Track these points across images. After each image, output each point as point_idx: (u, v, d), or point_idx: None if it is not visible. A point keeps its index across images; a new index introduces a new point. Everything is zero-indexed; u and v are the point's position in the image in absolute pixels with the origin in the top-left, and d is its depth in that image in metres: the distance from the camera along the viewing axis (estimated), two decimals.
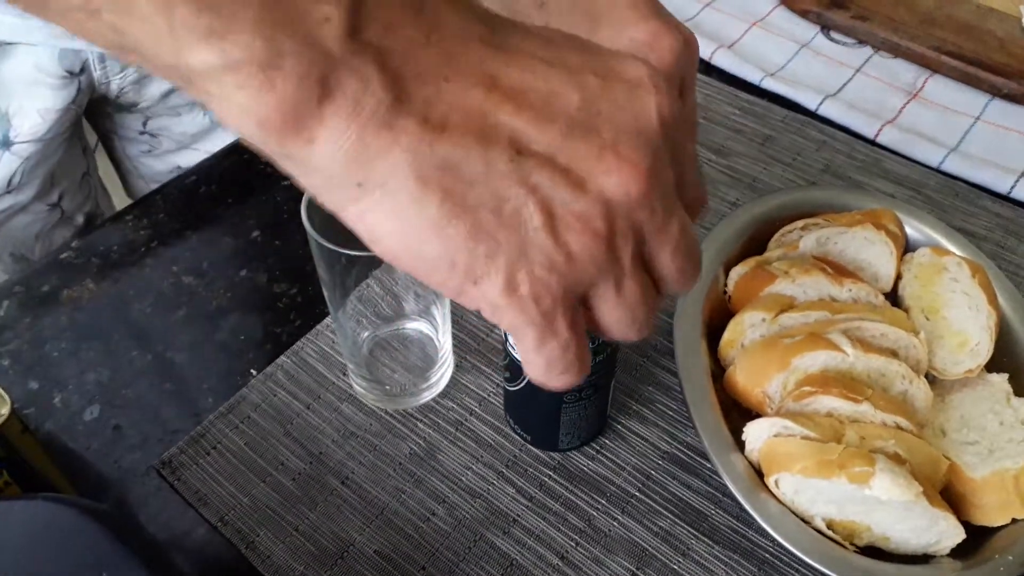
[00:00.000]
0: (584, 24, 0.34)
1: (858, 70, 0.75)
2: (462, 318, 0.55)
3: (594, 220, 0.25)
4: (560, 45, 0.26)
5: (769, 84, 0.73)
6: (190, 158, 0.77)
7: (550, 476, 0.48)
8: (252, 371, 0.52)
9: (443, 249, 0.24)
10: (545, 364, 0.27)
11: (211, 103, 0.22)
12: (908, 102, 0.72)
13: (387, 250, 0.25)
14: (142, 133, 0.78)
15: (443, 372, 0.51)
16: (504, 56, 0.24)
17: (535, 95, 0.24)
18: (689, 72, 0.34)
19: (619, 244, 0.26)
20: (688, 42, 0.33)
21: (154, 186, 0.75)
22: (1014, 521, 0.43)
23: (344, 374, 0.52)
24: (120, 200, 0.83)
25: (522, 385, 0.45)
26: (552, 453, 0.49)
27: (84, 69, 0.65)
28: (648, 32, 0.32)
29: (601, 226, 0.25)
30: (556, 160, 0.24)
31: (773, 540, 0.41)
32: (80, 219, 0.77)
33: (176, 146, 0.79)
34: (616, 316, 0.27)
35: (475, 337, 0.54)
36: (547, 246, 0.24)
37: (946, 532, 0.42)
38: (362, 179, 0.23)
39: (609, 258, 0.25)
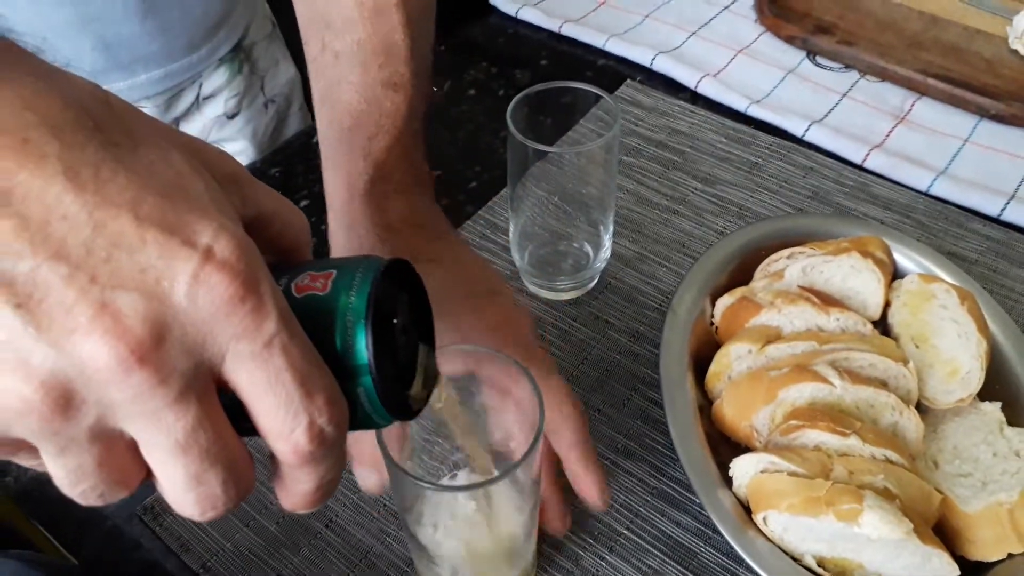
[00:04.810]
0: None
1: (844, 95, 0.75)
2: None
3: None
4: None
5: (755, 111, 0.73)
6: None
7: None
8: None
9: None
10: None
11: None
12: (895, 126, 0.72)
13: None
14: None
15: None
16: None
17: None
18: None
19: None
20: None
21: None
22: (1010, 556, 0.42)
23: None
24: None
25: None
26: None
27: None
28: None
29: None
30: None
31: None
32: None
33: None
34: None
35: None
36: None
37: (939, 569, 0.41)
38: None
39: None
